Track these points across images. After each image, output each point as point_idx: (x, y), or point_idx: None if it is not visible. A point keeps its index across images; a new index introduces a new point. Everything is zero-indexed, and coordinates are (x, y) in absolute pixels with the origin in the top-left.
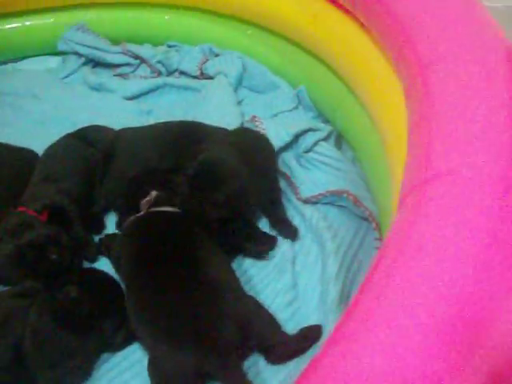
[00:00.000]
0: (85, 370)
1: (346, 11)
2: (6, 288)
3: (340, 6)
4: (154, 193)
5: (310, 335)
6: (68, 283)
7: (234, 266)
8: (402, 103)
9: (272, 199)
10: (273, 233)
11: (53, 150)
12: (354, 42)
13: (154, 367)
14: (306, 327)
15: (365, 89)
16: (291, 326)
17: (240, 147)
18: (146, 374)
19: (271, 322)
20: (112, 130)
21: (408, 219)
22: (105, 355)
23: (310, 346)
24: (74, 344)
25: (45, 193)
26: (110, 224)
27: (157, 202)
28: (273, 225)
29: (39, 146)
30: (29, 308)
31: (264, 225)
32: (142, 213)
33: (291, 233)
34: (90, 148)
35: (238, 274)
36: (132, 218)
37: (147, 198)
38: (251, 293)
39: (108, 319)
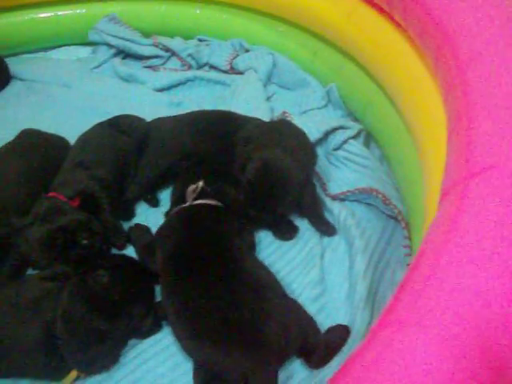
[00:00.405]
0: (113, 354)
1: (381, 10)
2: (36, 272)
3: (375, 5)
4: (200, 184)
5: (338, 336)
6: (99, 268)
7: (262, 257)
8: (437, 102)
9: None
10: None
11: (86, 137)
12: (388, 41)
13: (198, 370)
14: (334, 327)
15: (398, 88)
16: (318, 321)
17: (282, 140)
18: (172, 361)
19: (312, 325)
20: (144, 119)
21: (449, 215)
22: (132, 341)
23: (340, 347)
24: (104, 328)
25: (77, 179)
26: (142, 212)
27: (201, 194)
28: (311, 220)
29: (69, 134)
30: (59, 291)
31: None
32: (186, 204)
33: (329, 228)
34: (123, 136)
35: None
36: (175, 209)
37: (192, 188)
38: (282, 283)
39: (137, 305)
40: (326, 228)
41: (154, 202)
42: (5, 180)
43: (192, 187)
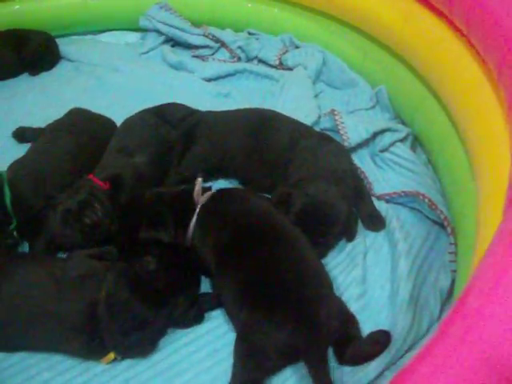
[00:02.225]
0: (152, 341)
1: (440, 14)
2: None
3: (433, 8)
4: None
5: (380, 341)
6: (147, 254)
7: None
8: (494, 109)
9: (359, 195)
10: None
11: (129, 123)
12: (445, 46)
13: (243, 339)
14: (377, 332)
15: (453, 94)
16: (360, 320)
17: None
18: (211, 347)
19: (354, 320)
20: (191, 108)
21: None
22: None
23: (381, 351)
24: (147, 316)
25: (114, 164)
26: None
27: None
28: (362, 219)
29: (115, 117)
30: (105, 271)
31: None
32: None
33: (379, 224)
34: (167, 126)
35: None
36: (208, 193)
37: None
38: None
39: (182, 296)
40: (375, 225)
41: None
42: (52, 155)
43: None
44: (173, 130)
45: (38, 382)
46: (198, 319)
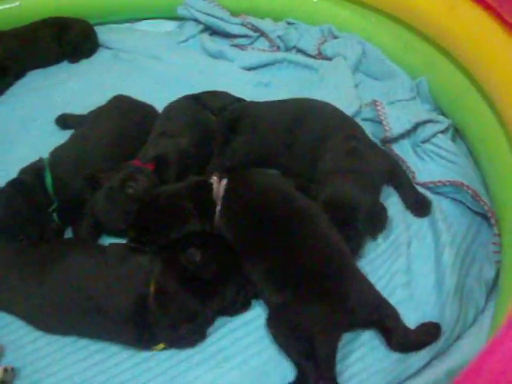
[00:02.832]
0: (201, 332)
1: (487, 6)
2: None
3: (481, 2)
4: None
5: (430, 332)
6: (190, 246)
7: None
8: None
9: (400, 183)
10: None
11: (171, 108)
12: (491, 38)
13: (275, 319)
14: (427, 324)
15: (497, 85)
16: (407, 310)
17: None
18: (258, 332)
19: (390, 309)
20: (233, 96)
21: None
22: None
23: (429, 343)
24: (196, 308)
25: (157, 145)
26: None
27: None
28: (407, 206)
29: (155, 104)
30: (151, 264)
31: None
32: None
33: (426, 209)
34: (207, 112)
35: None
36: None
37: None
38: (367, 268)
39: (230, 286)
40: (420, 210)
41: None
42: (93, 140)
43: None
44: (212, 117)
45: (89, 364)
46: (245, 306)
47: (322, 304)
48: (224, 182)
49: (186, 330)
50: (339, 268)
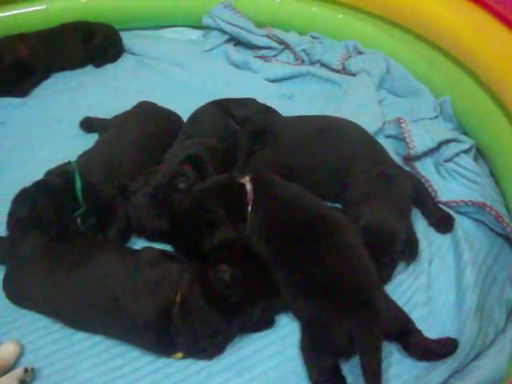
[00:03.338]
0: (221, 347)
1: None
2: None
3: (508, 23)
4: None
5: (448, 345)
6: (222, 261)
7: None
8: None
9: (423, 200)
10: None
11: (197, 114)
12: None
13: (304, 328)
14: (445, 338)
15: None
16: (426, 326)
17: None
18: (280, 343)
19: (408, 318)
20: (258, 103)
21: None
22: None
23: (445, 355)
24: (220, 325)
25: (186, 146)
26: None
27: None
28: (430, 223)
29: (180, 111)
30: (181, 274)
31: None
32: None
33: (449, 225)
34: (230, 119)
35: None
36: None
37: None
38: (387, 288)
39: (257, 307)
40: (443, 227)
41: None
42: (120, 146)
43: None
44: (236, 126)
45: (109, 368)
46: (269, 324)
47: (357, 318)
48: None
49: (206, 345)
50: (369, 281)
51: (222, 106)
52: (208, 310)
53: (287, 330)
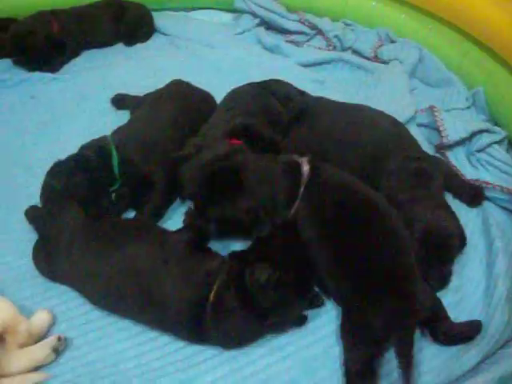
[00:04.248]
0: (250, 341)
1: None
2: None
3: None
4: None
5: (472, 327)
6: (263, 259)
7: None
8: None
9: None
10: None
11: (236, 92)
12: None
13: (345, 314)
14: (470, 321)
15: None
16: (456, 312)
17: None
18: (312, 326)
19: (440, 304)
20: (294, 87)
21: None
22: None
23: (472, 335)
24: (251, 328)
25: (227, 119)
26: None
27: None
28: (461, 198)
29: (212, 91)
30: (218, 270)
31: None
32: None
33: (478, 198)
34: (272, 98)
35: None
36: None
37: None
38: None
39: (291, 311)
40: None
41: None
42: (156, 122)
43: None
44: (278, 104)
45: (140, 341)
46: (301, 321)
47: (397, 308)
48: (306, 171)
49: (238, 340)
50: (409, 267)
51: (262, 85)
52: (241, 313)
53: (319, 312)
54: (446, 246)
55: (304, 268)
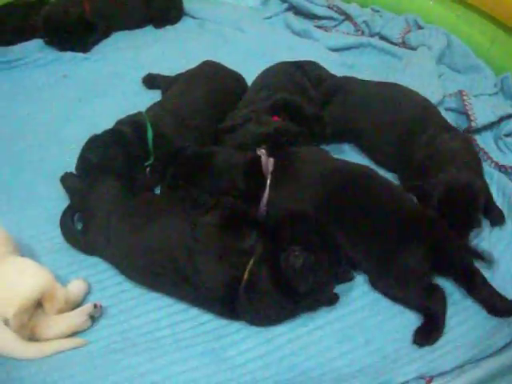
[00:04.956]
0: (282, 320)
1: None
2: None
3: None
4: None
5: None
6: (297, 243)
7: None
8: None
9: None
10: None
11: (270, 70)
12: None
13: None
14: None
15: None
16: None
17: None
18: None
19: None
20: (326, 70)
21: None
22: None
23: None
24: (284, 309)
25: (269, 95)
26: None
27: None
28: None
29: (243, 73)
30: (251, 250)
31: None
32: None
33: (499, 219)
34: (304, 77)
35: None
36: None
37: None
38: None
39: (325, 292)
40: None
41: None
42: (189, 100)
43: None
44: (309, 83)
45: (174, 310)
46: (332, 301)
47: (427, 236)
48: (271, 162)
49: (269, 320)
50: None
51: (296, 65)
52: (275, 295)
53: (351, 285)
54: (470, 201)
55: (332, 247)
